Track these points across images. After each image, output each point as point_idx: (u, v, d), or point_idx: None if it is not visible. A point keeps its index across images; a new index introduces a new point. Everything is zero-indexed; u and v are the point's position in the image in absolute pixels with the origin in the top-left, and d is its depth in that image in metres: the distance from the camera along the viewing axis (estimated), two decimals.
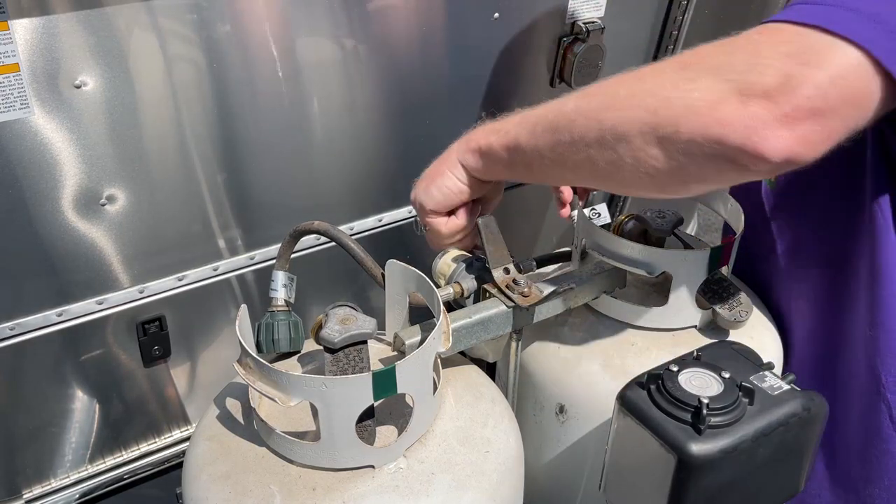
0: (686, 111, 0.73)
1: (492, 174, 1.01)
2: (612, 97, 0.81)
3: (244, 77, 1.20)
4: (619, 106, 0.79)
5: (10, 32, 0.98)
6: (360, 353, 0.90)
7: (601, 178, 0.86)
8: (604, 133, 0.80)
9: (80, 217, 1.16)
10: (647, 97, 0.76)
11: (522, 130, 0.92)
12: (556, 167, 0.89)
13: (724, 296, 1.12)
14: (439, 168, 1.04)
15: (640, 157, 0.77)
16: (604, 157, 0.81)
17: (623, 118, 0.78)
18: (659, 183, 0.79)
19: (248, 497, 0.87)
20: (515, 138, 0.93)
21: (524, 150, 0.92)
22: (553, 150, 0.87)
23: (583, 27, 1.52)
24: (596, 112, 0.82)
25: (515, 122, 0.94)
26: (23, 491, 1.35)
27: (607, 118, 0.80)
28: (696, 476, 0.85)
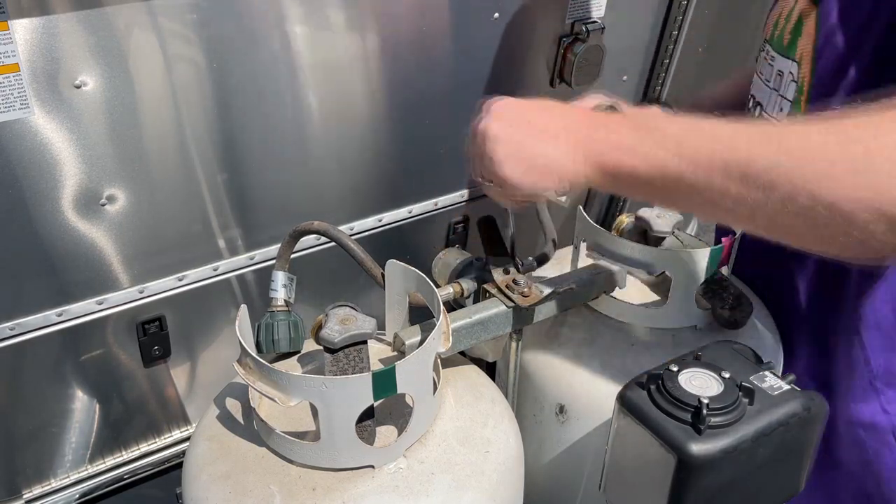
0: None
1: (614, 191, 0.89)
2: (825, 165, 0.68)
3: (244, 77, 1.20)
4: (836, 179, 0.66)
5: (10, 32, 0.98)
6: (360, 353, 0.90)
7: (800, 241, 0.73)
8: (816, 206, 0.67)
9: (80, 217, 1.16)
10: (872, 174, 0.65)
11: (675, 161, 0.76)
12: (731, 217, 0.76)
13: (724, 296, 1.12)
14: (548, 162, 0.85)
15: (865, 238, 0.67)
16: (815, 230, 0.69)
17: (845, 197, 0.66)
18: (882, 258, 0.70)
19: (248, 497, 0.87)
20: (663, 168, 0.77)
21: (683, 187, 0.76)
22: (735, 201, 0.73)
23: (583, 27, 1.52)
24: (806, 181, 0.68)
25: (666, 145, 0.77)
26: (23, 491, 1.35)
27: (822, 192, 0.67)
28: (696, 476, 0.85)
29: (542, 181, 0.86)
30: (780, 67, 1.12)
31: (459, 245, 1.66)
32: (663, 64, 1.76)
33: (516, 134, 0.87)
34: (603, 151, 0.81)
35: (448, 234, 1.65)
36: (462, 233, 1.66)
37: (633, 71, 1.74)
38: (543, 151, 0.85)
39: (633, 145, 0.79)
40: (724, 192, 0.73)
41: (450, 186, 1.59)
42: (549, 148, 0.85)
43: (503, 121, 0.88)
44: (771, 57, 1.14)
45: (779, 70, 1.12)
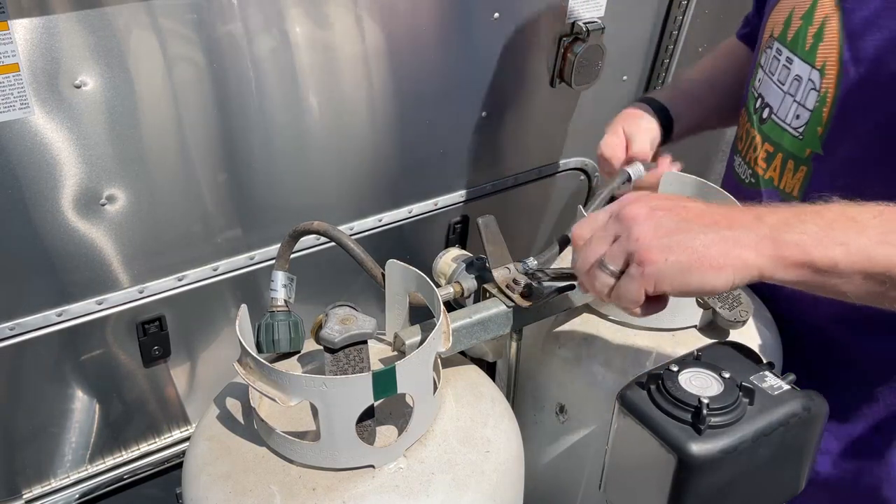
0: None
1: (803, 288, 0.75)
2: None
3: (244, 77, 1.20)
4: None
5: (10, 32, 0.98)
6: (360, 353, 0.90)
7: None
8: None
9: (80, 217, 1.16)
10: None
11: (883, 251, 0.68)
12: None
13: (724, 296, 1.12)
14: (717, 255, 0.71)
15: None
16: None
17: None
18: None
19: (248, 497, 0.87)
20: (869, 260, 0.69)
21: (878, 281, 0.70)
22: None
23: (583, 27, 1.52)
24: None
25: (869, 233, 0.69)
26: (23, 491, 1.35)
27: None
28: (697, 476, 0.85)
29: (706, 272, 0.72)
30: (799, 72, 1.06)
31: (459, 245, 1.66)
32: (663, 64, 1.76)
33: (672, 219, 0.73)
34: (808, 241, 0.71)
35: (448, 234, 1.65)
36: (462, 233, 1.66)
37: (633, 71, 1.74)
38: (708, 243, 0.71)
39: (833, 237, 0.71)
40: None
41: (450, 186, 1.59)
42: (714, 239, 0.71)
43: (649, 204, 0.74)
44: (787, 59, 1.08)
45: (797, 75, 1.06)
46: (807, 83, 1.05)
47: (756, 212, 0.74)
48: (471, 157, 1.59)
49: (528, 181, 1.72)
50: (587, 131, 1.74)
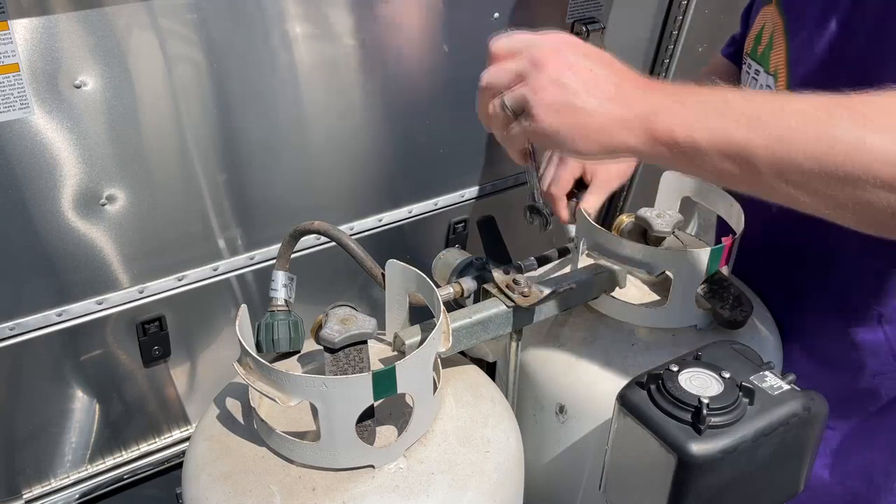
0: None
1: (682, 170, 0.80)
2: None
3: (244, 77, 1.20)
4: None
5: (9, 32, 0.98)
6: (360, 353, 0.90)
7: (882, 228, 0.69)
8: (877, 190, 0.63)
9: (80, 217, 1.16)
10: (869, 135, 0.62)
11: (752, 135, 0.69)
12: (816, 199, 0.69)
13: (724, 296, 1.12)
14: (596, 119, 0.74)
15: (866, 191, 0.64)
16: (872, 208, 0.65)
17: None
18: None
19: (248, 497, 0.87)
20: (737, 142, 0.70)
21: (757, 165, 0.69)
22: (820, 180, 0.67)
23: (583, 27, 1.52)
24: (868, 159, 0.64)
25: (732, 114, 0.70)
26: (23, 491, 1.35)
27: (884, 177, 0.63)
28: (697, 476, 0.85)
29: (580, 144, 0.76)
30: (763, 82, 1.11)
31: (459, 245, 1.66)
32: (663, 64, 1.76)
33: (572, 80, 0.75)
34: (667, 121, 0.73)
35: (448, 234, 1.65)
36: (462, 233, 1.66)
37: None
38: (597, 109, 0.75)
39: (698, 115, 0.72)
40: (820, 176, 0.67)
41: (450, 186, 1.59)
42: (608, 108, 0.75)
43: (560, 57, 0.76)
44: (755, 71, 1.14)
45: (761, 84, 1.12)
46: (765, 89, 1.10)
47: (649, 85, 0.77)
48: (471, 157, 1.59)
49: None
50: None
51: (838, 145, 0.66)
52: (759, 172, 0.70)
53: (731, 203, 1.18)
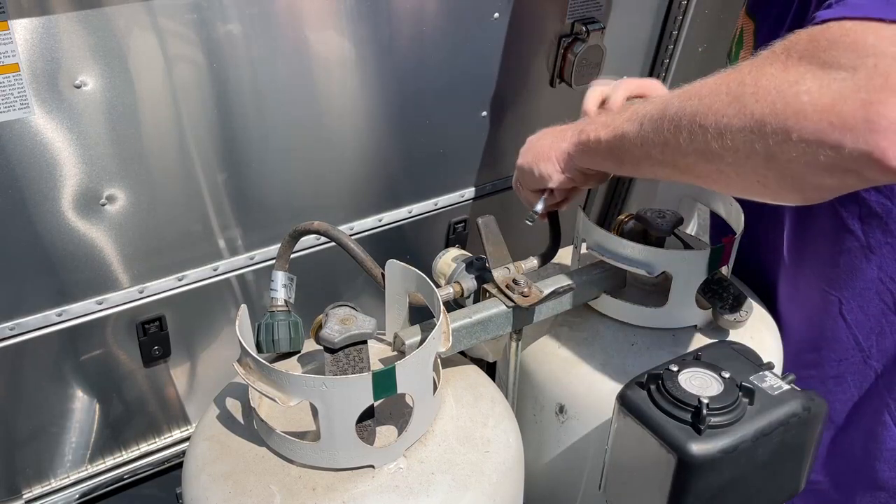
0: (797, 116, 0.66)
1: (597, 166, 0.99)
2: (713, 100, 0.74)
3: (244, 77, 1.20)
4: (720, 111, 0.73)
5: (10, 32, 0.98)
6: (360, 353, 0.90)
7: (709, 182, 0.81)
8: (707, 141, 0.74)
9: (80, 217, 1.16)
10: (752, 102, 0.70)
11: (630, 127, 0.87)
12: (664, 168, 0.84)
13: (724, 296, 1.12)
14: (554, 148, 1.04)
15: (749, 166, 0.72)
16: (709, 165, 0.76)
17: (726, 126, 0.72)
18: (772, 192, 0.74)
19: (248, 497, 0.87)
20: (623, 134, 0.89)
21: (630, 148, 0.88)
22: (660, 151, 0.82)
23: (583, 27, 1.52)
24: (697, 116, 0.75)
25: (625, 118, 0.89)
26: (23, 491, 1.35)
27: (709, 124, 0.73)
28: (696, 476, 0.85)
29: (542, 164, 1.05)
30: None
31: (459, 245, 1.66)
32: (663, 64, 1.76)
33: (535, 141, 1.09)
34: (590, 130, 0.97)
35: (448, 234, 1.65)
36: (462, 233, 1.66)
37: (633, 71, 1.74)
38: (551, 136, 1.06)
39: (610, 121, 0.93)
40: (660, 148, 0.82)
41: (450, 186, 1.59)
42: (556, 134, 1.06)
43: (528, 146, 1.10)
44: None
45: None
46: None
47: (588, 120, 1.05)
48: (471, 157, 1.58)
49: None
50: None
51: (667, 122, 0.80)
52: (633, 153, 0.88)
53: (731, 203, 1.18)
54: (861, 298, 1.12)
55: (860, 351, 1.14)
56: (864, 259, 1.09)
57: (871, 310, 1.12)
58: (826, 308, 1.15)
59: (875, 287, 1.10)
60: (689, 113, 0.76)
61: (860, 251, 1.09)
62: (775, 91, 0.68)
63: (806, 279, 1.18)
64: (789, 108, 0.67)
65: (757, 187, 0.74)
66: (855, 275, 1.11)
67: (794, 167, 0.68)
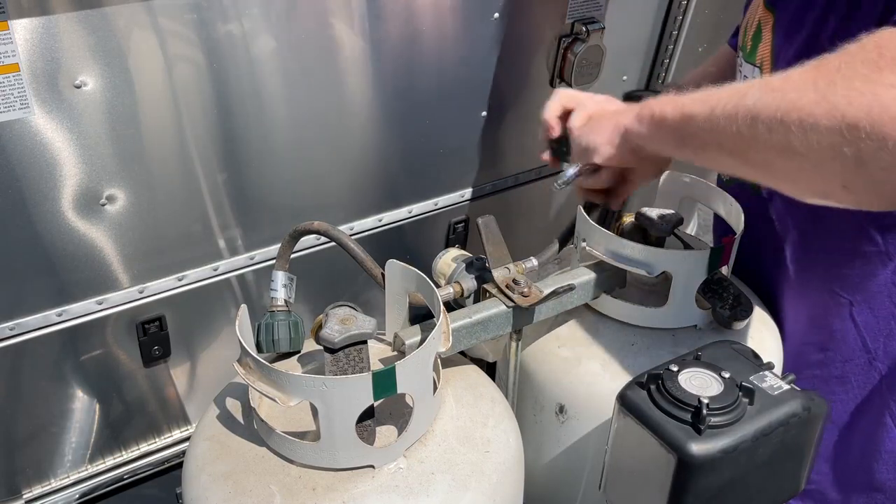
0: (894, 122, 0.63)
1: (657, 145, 0.96)
2: (799, 96, 0.70)
3: (244, 77, 1.20)
4: (808, 110, 0.69)
5: (10, 32, 0.98)
6: (360, 353, 0.90)
7: (784, 180, 0.78)
8: (789, 138, 0.71)
9: (80, 217, 1.16)
10: (844, 104, 0.66)
11: (700, 109, 0.84)
12: (732, 158, 0.82)
13: (724, 296, 1.12)
14: (610, 119, 1.03)
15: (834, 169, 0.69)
16: (789, 163, 0.73)
17: (813, 126, 0.68)
18: (855, 197, 0.71)
19: (248, 497, 0.87)
20: (691, 115, 0.86)
21: (697, 132, 0.85)
22: (732, 140, 0.79)
23: (583, 27, 1.52)
24: (780, 112, 0.72)
25: (696, 99, 0.87)
26: (23, 491, 1.35)
27: (792, 120, 0.70)
28: (696, 476, 0.85)
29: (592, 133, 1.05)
30: (745, 73, 1.16)
31: (459, 245, 1.66)
32: (663, 64, 1.76)
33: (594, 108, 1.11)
34: (654, 105, 0.95)
35: (448, 234, 1.65)
36: (462, 233, 1.66)
37: (633, 71, 1.74)
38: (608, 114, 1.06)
39: (677, 100, 0.91)
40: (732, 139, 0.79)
41: (450, 186, 1.59)
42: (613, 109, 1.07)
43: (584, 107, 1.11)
44: (740, 63, 1.18)
45: (744, 76, 1.16)
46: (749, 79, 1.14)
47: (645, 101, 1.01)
48: (471, 157, 1.59)
49: (528, 181, 1.72)
50: None
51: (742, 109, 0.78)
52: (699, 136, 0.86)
53: (731, 203, 1.18)
54: (873, 301, 1.11)
55: (867, 352, 1.14)
56: (880, 264, 1.09)
57: (881, 312, 1.12)
58: (835, 309, 1.15)
59: (888, 290, 1.10)
60: (771, 106, 0.73)
61: (877, 256, 1.08)
62: (871, 94, 0.65)
63: (814, 280, 1.17)
64: (887, 114, 0.64)
65: (839, 191, 0.71)
66: (869, 278, 1.10)
67: (887, 174, 0.65)
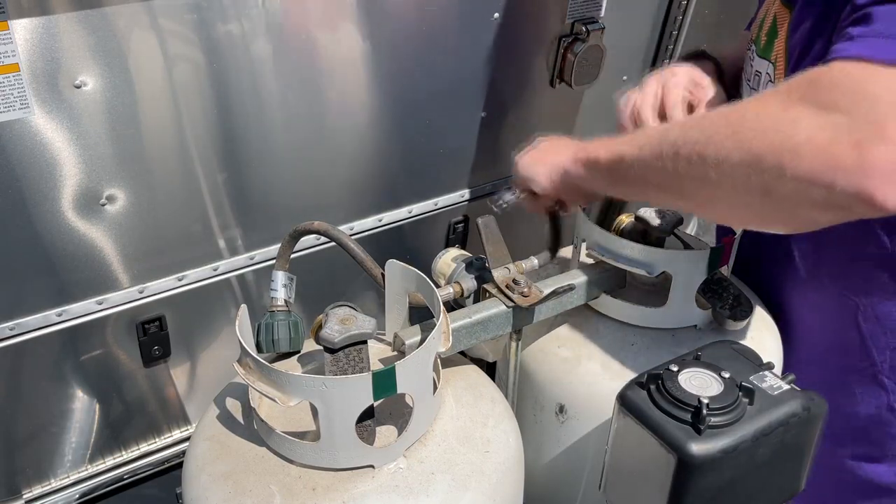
0: (792, 154, 0.70)
1: (591, 184, 1.01)
2: (714, 131, 0.78)
3: (244, 77, 1.20)
4: (720, 143, 0.76)
5: (10, 32, 0.98)
6: (360, 353, 0.90)
7: (703, 208, 0.85)
8: (706, 170, 0.77)
9: (80, 217, 1.16)
10: (750, 137, 0.73)
11: (629, 150, 0.90)
12: (658, 191, 0.88)
13: (724, 296, 1.12)
14: (552, 157, 1.07)
15: (745, 198, 0.75)
16: (704, 192, 0.80)
17: (725, 158, 0.75)
18: (765, 223, 0.78)
19: (248, 497, 0.87)
20: (621, 156, 0.92)
21: (627, 171, 0.91)
22: (657, 175, 0.85)
23: (583, 27, 1.52)
24: (697, 146, 0.79)
25: (626, 140, 0.93)
26: (23, 491, 1.35)
27: (708, 154, 0.77)
28: (696, 476, 0.85)
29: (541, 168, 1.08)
30: (758, 68, 1.15)
31: (459, 245, 1.66)
32: (663, 64, 1.76)
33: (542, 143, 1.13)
34: (590, 148, 1.00)
35: (448, 234, 1.65)
36: (462, 233, 1.66)
37: (633, 71, 1.74)
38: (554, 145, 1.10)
39: (610, 143, 0.96)
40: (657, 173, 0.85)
41: (450, 186, 1.59)
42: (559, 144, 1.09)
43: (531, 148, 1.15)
44: (752, 57, 1.17)
45: (756, 70, 1.15)
46: (764, 76, 1.12)
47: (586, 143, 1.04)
48: (471, 157, 1.59)
49: None
50: (587, 131, 1.73)
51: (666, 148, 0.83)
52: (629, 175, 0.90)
53: None
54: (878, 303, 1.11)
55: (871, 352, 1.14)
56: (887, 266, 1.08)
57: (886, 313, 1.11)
58: (842, 312, 1.14)
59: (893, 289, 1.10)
60: (690, 141, 0.80)
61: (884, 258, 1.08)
62: (773, 129, 0.71)
63: (820, 282, 1.16)
64: (785, 146, 0.70)
65: (751, 217, 0.80)
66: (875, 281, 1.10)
67: (788, 202, 0.72)
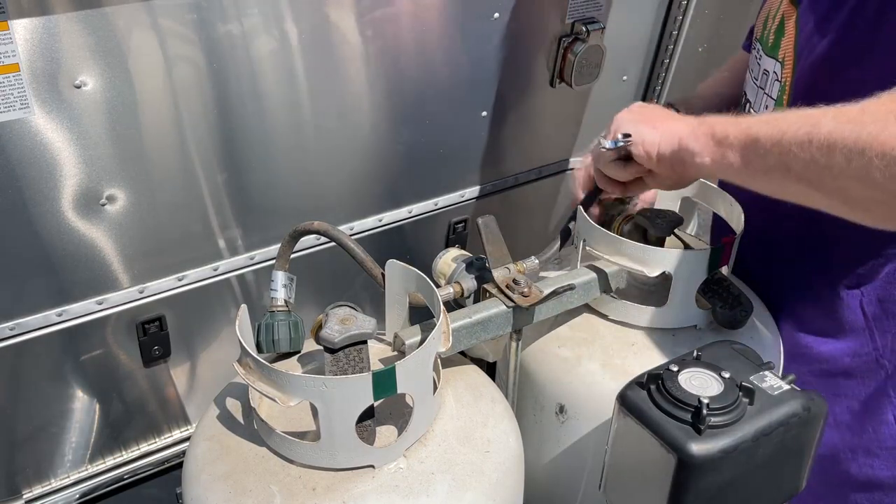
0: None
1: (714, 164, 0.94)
2: (880, 130, 0.73)
3: (244, 77, 1.20)
4: (890, 143, 0.71)
5: (10, 32, 0.98)
6: (360, 353, 0.90)
7: (858, 210, 0.80)
8: (870, 170, 0.72)
9: (80, 217, 1.16)
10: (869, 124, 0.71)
11: (768, 133, 0.84)
12: (800, 184, 0.83)
13: (724, 296, 1.12)
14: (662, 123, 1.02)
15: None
16: (866, 192, 0.75)
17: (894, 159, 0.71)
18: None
19: (248, 497, 0.87)
20: (757, 137, 0.86)
21: (764, 154, 0.85)
22: (803, 166, 0.80)
23: (583, 27, 1.52)
24: (860, 143, 0.74)
25: (761, 121, 0.87)
26: (23, 491, 1.35)
27: (875, 154, 0.72)
28: (696, 476, 0.85)
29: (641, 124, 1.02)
30: (766, 67, 1.15)
31: (459, 245, 1.66)
32: (663, 64, 1.76)
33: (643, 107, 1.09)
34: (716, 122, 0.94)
35: (448, 234, 1.65)
36: (462, 233, 1.66)
37: (633, 71, 1.74)
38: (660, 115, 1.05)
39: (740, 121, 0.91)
40: (803, 166, 0.80)
41: (450, 186, 1.59)
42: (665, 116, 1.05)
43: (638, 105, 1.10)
44: (759, 56, 1.17)
45: (764, 69, 1.15)
46: (772, 75, 1.13)
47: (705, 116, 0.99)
48: (471, 157, 1.59)
49: (528, 181, 1.72)
50: (587, 131, 1.74)
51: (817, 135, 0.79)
52: (766, 160, 0.85)
53: (732, 203, 1.18)
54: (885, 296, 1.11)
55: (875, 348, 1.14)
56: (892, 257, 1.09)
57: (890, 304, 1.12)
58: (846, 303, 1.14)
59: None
60: (849, 137, 0.75)
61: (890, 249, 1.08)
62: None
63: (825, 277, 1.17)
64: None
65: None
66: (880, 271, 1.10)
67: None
